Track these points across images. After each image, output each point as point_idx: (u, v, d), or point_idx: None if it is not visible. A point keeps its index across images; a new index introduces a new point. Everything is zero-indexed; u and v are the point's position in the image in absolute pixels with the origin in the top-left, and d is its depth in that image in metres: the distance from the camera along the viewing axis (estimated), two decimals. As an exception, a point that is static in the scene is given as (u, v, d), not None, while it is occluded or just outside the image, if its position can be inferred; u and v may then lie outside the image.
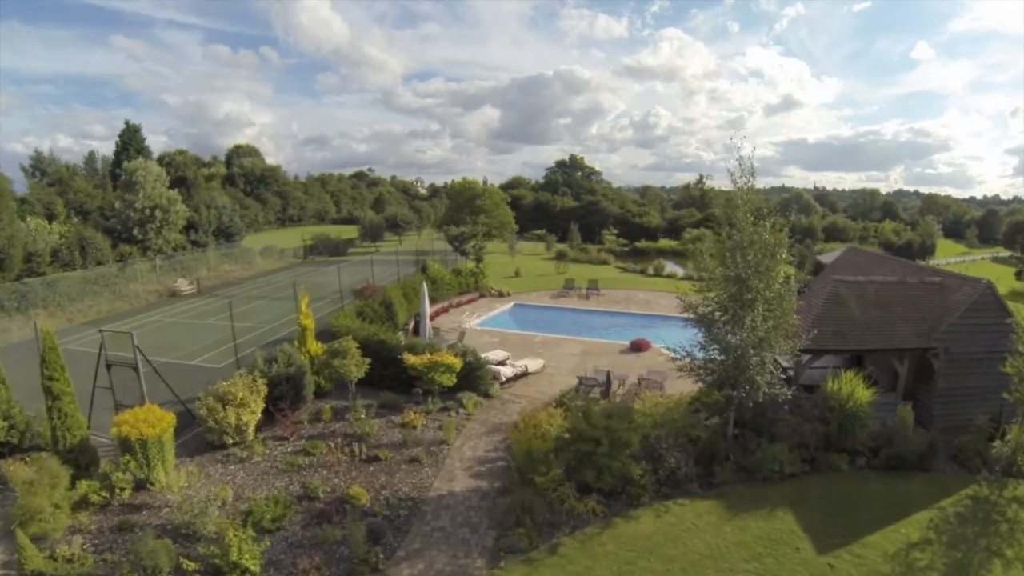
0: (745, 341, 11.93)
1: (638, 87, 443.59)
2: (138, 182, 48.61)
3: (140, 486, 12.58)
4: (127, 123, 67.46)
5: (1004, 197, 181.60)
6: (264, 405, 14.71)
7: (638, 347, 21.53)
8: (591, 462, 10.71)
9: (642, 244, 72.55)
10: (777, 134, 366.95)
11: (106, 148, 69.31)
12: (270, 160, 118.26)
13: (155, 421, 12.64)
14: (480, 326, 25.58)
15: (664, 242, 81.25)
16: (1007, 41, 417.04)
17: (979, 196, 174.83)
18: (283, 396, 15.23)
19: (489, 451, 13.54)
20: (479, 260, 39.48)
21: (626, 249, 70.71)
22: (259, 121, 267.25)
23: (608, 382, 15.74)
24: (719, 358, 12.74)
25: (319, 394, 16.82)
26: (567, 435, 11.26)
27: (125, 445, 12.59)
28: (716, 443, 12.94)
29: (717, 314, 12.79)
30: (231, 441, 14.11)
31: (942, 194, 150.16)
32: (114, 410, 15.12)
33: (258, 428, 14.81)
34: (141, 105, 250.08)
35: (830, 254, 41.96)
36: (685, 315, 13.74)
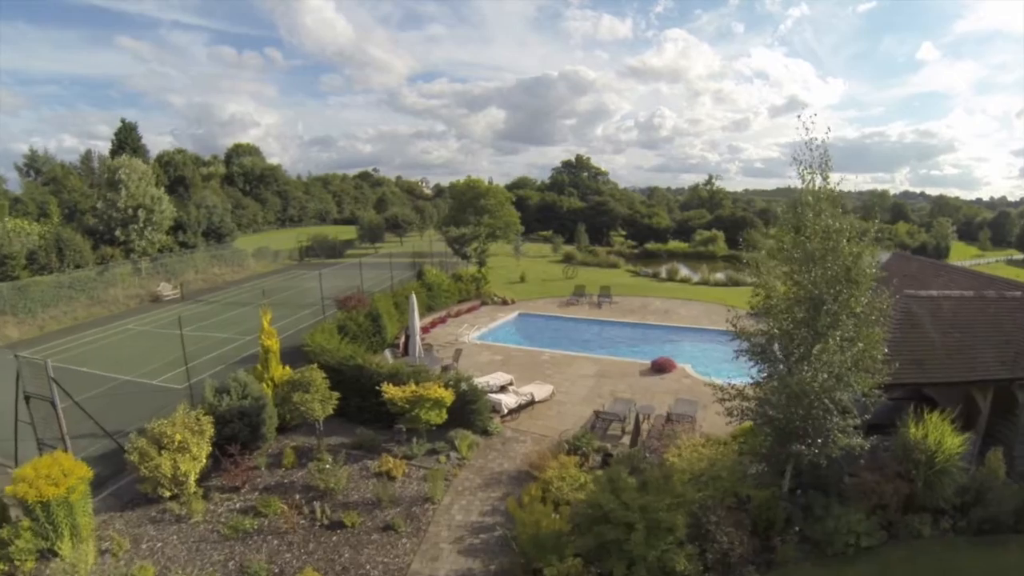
0: (817, 381, 9.12)
1: (643, 88, 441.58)
2: (121, 180, 46.07)
3: (50, 553, 10.00)
4: (123, 121, 65.84)
5: (1011, 199, 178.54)
6: (211, 448, 12.02)
7: (660, 368, 18.73)
8: (620, 551, 7.94)
9: (652, 246, 69.56)
10: (782, 135, 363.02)
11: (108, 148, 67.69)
12: (275, 160, 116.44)
13: (60, 477, 9.96)
14: (480, 340, 22.83)
15: (674, 244, 78.30)
16: (1012, 41, 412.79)
17: (985, 198, 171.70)
18: (235, 436, 12.54)
19: (485, 513, 10.75)
20: (481, 264, 36.77)
21: (636, 251, 67.75)
22: (264, 122, 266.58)
23: (636, 427, 12.75)
24: (777, 400, 9.86)
25: (284, 428, 14.09)
26: (588, 510, 8.44)
27: (25, 507, 9.96)
28: (773, 506, 10.16)
29: (778, 345, 9.94)
30: (168, 494, 11.42)
31: (950, 196, 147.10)
32: (37, 451, 12.57)
33: (204, 475, 12.14)
34: (147, 106, 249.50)
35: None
36: (731, 335, 10.87)
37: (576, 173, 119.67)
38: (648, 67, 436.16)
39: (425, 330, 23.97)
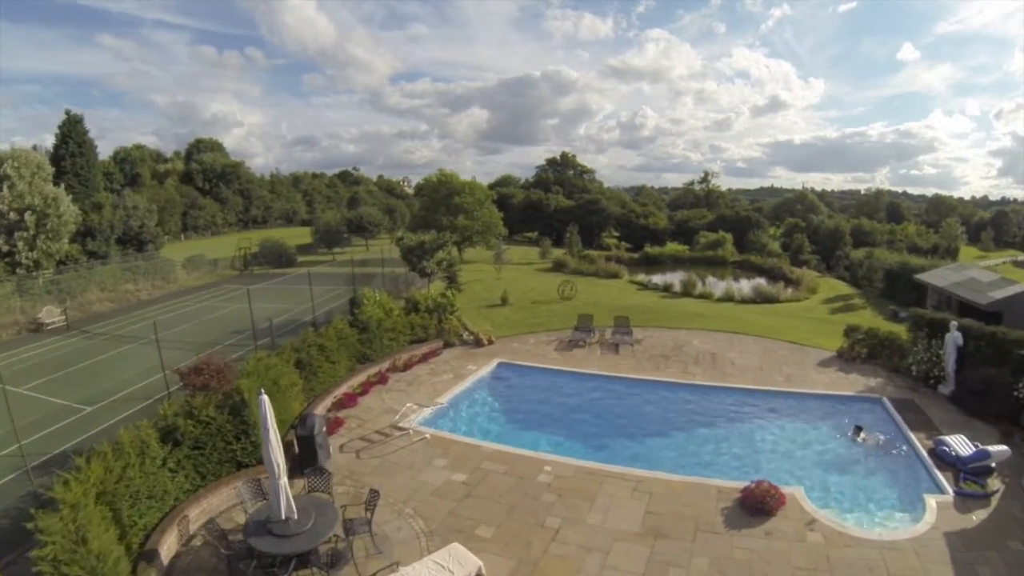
0: None
1: (625, 88, 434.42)
2: (9, 176, 36.58)
3: None
4: (68, 113, 57.26)
5: (992, 198, 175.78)
6: None
7: (759, 505, 10.10)
8: None
9: (653, 250, 61.09)
10: (763, 135, 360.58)
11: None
12: (259, 160, 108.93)
13: None
14: (428, 427, 13.86)
15: (673, 247, 70.06)
16: (990, 43, 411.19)
17: (966, 197, 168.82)
18: None
19: None
20: (451, 281, 28.04)
21: (635, 256, 59.33)
22: (248, 121, 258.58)
23: None
24: None
25: None
26: None
27: None
28: None
29: None
30: None
31: (944, 195, 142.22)
32: None
33: None
34: (129, 105, 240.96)
35: (938, 272, 30.90)
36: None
37: (562, 171, 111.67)
38: (630, 67, 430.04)
39: (350, 399, 15.15)
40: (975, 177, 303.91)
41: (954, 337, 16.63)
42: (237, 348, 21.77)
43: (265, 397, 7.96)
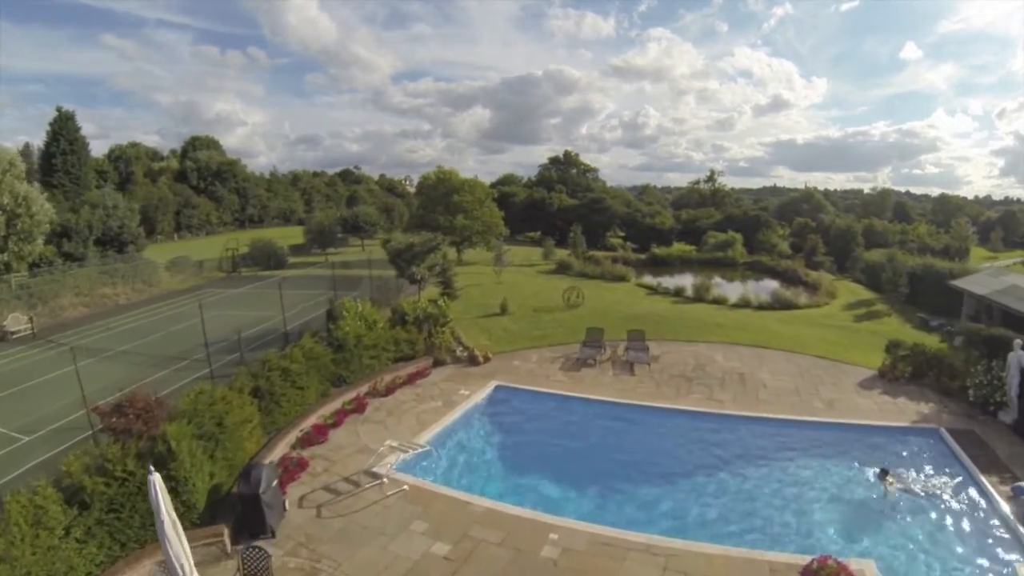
0: None
1: (627, 87, 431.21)
2: (-24, 174, 34.33)
3: None
4: (59, 110, 56.71)
5: (995, 198, 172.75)
6: None
7: (828, 593, 7.86)
8: None
9: (660, 251, 58.64)
10: (766, 135, 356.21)
11: (98, 146, 59.03)
12: (263, 160, 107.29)
13: None
14: (408, 472, 11.51)
15: (680, 247, 67.58)
16: (993, 43, 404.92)
17: (969, 196, 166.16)
18: None
19: None
20: (447, 287, 25.71)
21: (642, 257, 56.92)
22: (251, 120, 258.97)
23: None
24: None
25: None
26: None
27: None
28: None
29: None
30: None
31: (934, 195, 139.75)
32: None
33: None
34: (133, 104, 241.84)
35: (976, 278, 28.54)
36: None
37: (565, 170, 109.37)
38: (632, 66, 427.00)
39: (319, 433, 12.82)
40: (978, 177, 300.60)
41: (1019, 357, 14.39)
42: (206, 364, 19.56)
43: (155, 477, 5.67)
